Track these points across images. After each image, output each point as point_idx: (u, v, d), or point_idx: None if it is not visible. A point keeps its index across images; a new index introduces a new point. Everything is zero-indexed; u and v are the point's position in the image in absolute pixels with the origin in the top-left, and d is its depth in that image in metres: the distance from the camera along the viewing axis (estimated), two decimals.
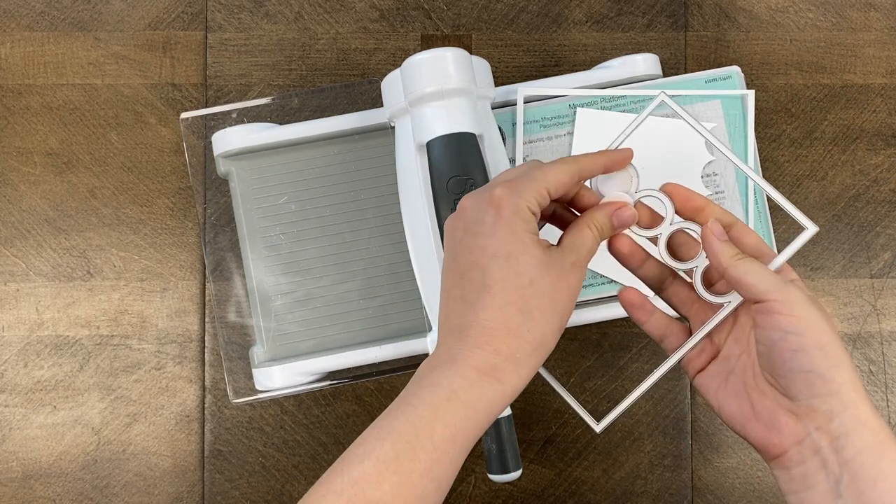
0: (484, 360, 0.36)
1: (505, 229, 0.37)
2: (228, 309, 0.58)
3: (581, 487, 0.60)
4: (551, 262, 0.37)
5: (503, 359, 0.36)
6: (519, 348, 0.37)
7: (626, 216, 0.41)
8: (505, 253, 0.37)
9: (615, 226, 0.41)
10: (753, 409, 0.39)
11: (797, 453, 0.37)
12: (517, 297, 0.37)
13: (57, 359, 0.60)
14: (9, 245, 0.60)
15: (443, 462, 0.35)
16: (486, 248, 0.37)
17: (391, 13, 0.62)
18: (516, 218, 0.37)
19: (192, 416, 0.60)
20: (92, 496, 0.59)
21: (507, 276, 0.37)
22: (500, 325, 0.37)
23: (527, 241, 0.37)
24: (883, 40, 0.62)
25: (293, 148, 0.55)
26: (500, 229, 0.37)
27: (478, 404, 0.36)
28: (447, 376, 0.36)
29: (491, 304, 0.37)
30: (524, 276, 0.37)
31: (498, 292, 0.37)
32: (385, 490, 0.34)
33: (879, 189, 0.61)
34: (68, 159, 0.61)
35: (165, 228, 0.61)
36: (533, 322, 0.37)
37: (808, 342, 0.36)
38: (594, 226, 0.40)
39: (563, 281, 0.38)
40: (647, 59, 0.56)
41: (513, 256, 0.37)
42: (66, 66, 0.61)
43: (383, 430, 0.35)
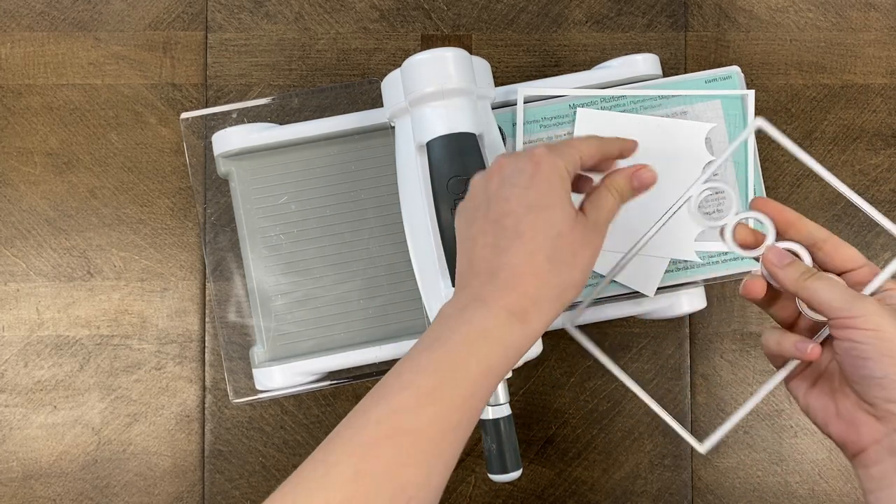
0: (514, 302, 0.38)
1: (544, 183, 0.39)
2: (228, 309, 0.58)
3: (581, 487, 0.60)
4: (579, 220, 0.40)
5: (530, 302, 0.38)
6: (544, 294, 0.39)
7: (645, 177, 0.43)
8: (541, 204, 0.39)
9: (635, 187, 0.43)
10: (837, 409, 0.41)
11: (875, 452, 0.38)
12: (548, 246, 0.39)
13: (57, 359, 0.60)
14: (9, 245, 0.60)
15: (476, 396, 0.37)
16: (524, 199, 0.39)
17: (391, 13, 0.62)
18: (554, 174, 0.40)
19: (192, 416, 0.60)
20: (92, 496, 0.59)
21: (539, 225, 0.39)
22: (528, 270, 0.38)
23: (562, 196, 0.39)
24: (883, 40, 0.62)
25: (293, 148, 0.55)
26: (539, 182, 0.39)
27: (508, 342, 0.38)
28: (480, 316, 0.38)
29: (523, 250, 0.39)
30: (555, 227, 0.39)
31: (529, 239, 0.39)
32: (423, 420, 0.36)
33: (879, 189, 0.61)
34: (68, 159, 0.61)
35: (165, 228, 0.61)
36: (558, 270, 0.39)
37: (877, 350, 0.37)
38: (614, 188, 0.42)
39: (587, 237, 0.40)
40: (647, 59, 0.56)
41: (548, 208, 0.39)
42: (67, 66, 0.61)
43: (420, 364, 0.37)
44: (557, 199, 0.39)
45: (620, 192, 0.42)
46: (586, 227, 0.40)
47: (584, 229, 0.40)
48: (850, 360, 0.38)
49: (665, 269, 0.54)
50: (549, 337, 0.59)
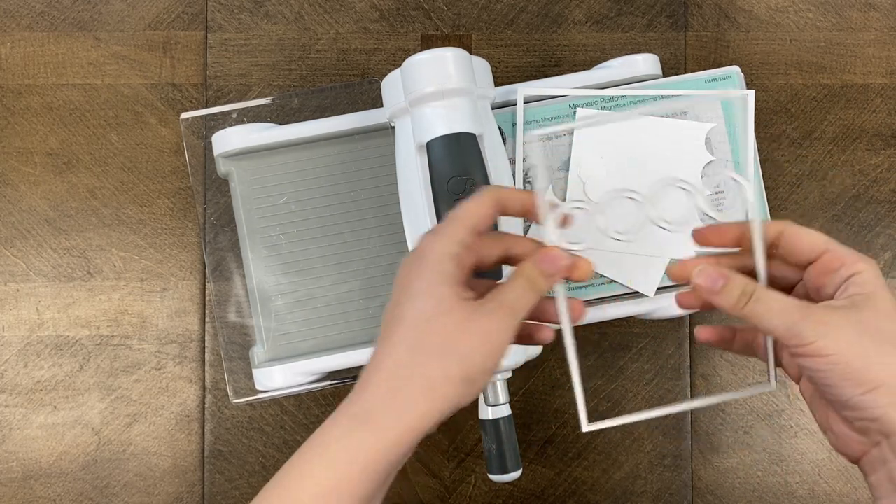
0: (360, 405, 0.35)
1: (421, 271, 0.36)
2: (228, 309, 0.58)
3: (581, 487, 0.60)
4: (461, 305, 0.36)
5: (380, 400, 0.35)
6: (403, 388, 0.35)
7: (558, 262, 0.38)
8: (413, 292, 0.36)
9: (549, 273, 0.38)
10: (829, 421, 0.39)
11: (867, 464, 0.37)
12: (411, 335, 0.35)
13: (57, 359, 0.60)
14: (9, 245, 0.60)
15: None
16: (406, 290, 0.37)
17: (391, 13, 0.62)
18: (431, 259, 0.36)
19: (192, 416, 0.60)
20: (92, 496, 0.59)
21: (409, 314, 0.36)
22: (386, 363, 0.35)
23: (435, 281, 0.36)
24: (883, 40, 0.62)
25: (293, 148, 0.55)
26: (417, 271, 0.36)
27: (354, 451, 0.34)
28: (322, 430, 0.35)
29: (388, 342, 0.36)
30: (424, 313, 0.35)
31: (396, 331, 0.36)
32: None
33: (879, 189, 0.61)
34: (68, 159, 0.61)
35: (165, 228, 0.61)
36: (424, 362, 0.35)
37: (836, 376, 0.35)
38: (522, 275, 0.38)
39: (471, 323, 0.35)
40: (647, 59, 0.56)
41: (419, 296, 0.36)
42: (66, 66, 0.61)
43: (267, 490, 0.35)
44: (429, 286, 0.36)
45: (529, 280, 0.37)
46: (474, 312, 0.35)
47: (468, 315, 0.35)
48: (817, 385, 0.37)
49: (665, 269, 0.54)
50: None
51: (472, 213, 0.37)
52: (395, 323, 0.36)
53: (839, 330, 0.35)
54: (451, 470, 0.60)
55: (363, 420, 0.34)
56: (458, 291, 0.36)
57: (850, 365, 0.34)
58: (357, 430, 0.34)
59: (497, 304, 0.36)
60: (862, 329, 0.35)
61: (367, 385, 0.35)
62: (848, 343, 0.34)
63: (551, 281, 0.38)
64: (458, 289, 0.36)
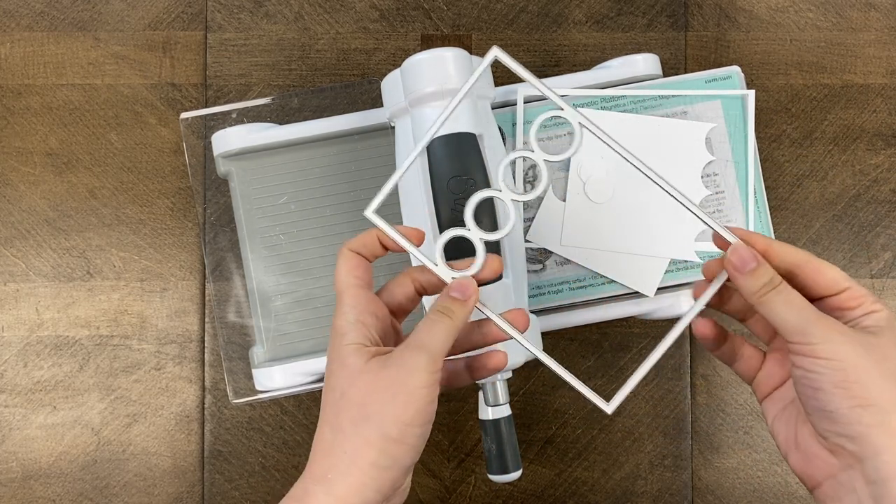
0: (299, 488, 0.36)
1: (333, 351, 0.37)
2: (228, 309, 0.58)
3: (581, 488, 0.60)
4: (368, 367, 0.36)
5: (314, 482, 0.36)
6: (332, 467, 0.36)
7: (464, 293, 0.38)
8: (327, 375, 0.37)
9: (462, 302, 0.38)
10: (796, 439, 0.38)
11: (831, 488, 0.36)
12: (331, 414, 0.36)
13: (57, 359, 0.60)
14: (9, 245, 0.60)
15: None
16: (327, 371, 0.38)
17: (391, 13, 0.62)
18: (337, 337, 0.37)
19: (191, 417, 0.60)
20: (92, 496, 0.59)
21: (326, 394, 0.37)
22: (317, 448, 0.37)
23: (342, 354, 0.37)
24: (883, 40, 0.62)
25: (293, 148, 0.55)
26: (331, 353, 0.38)
27: None
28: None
29: (319, 424, 0.37)
30: (336, 390, 0.37)
31: (322, 413, 0.37)
32: None
33: (880, 189, 0.61)
34: (68, 159, 0.61)
35: (165, 228, 0.60)
36: (343, 436, 0.36)
37: (829, 381, 0.34)
38: (435, 309, 0.38)
39: (379, 381, 0.36)
40: (647, 59, 0.56)
41: (331, 375, 0.37)
42: (66, 66, 0.61)
43: None
44: (338, 362, 0.37)
45: (443, 311, 0.37)
46: (382, 368, 0.36)
47: (376, 374, 0.36)
48: (803, 389, 0.36)
49: (665, 269, 0.54)
50: (549, 337, 0.59)
51: (344, 273, 0.38)
52: (322, 407, 0.37)
53: (848, 342, 0.34)
54: (451, 470, 0.60)
55: (300, 500, 0.36)
56: (366, 353, 0.36)
57: (848, 374, 0.34)
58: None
59: (404, 347, 0.36)
60: (871, 350, 0.35)
61: (307, 471, 0.37)
62: (853, 354, 0.34)
63: (466, 307, 0.38)
64: (365, 351, 0.37)
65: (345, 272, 0.39)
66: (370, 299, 0.39)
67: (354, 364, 0.36)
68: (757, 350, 0.41)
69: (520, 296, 0.48)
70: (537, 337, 0.49)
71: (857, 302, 0.37)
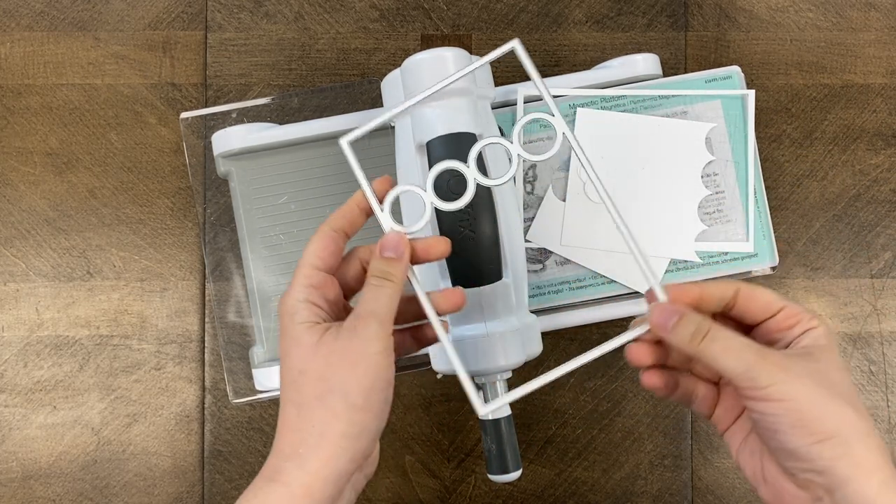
0: (269, 467, 0.37)
1: (285, 330, 0.38)
2: (228, 309, 0.58)
3: (581, 488, 0.60)
4: (323, 342, 0.37)
5: (285, 459, 0.36)
6: (301, 442, 0.36)
7: (395, 250, 0.38)
8: (283, 356, 0.38)
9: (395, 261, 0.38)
10: (763, 473, 0.38)
11: None
12: (293, 392, 0.37)
13: (57, 359, 0.60)
14: (9, 245, 0.60)
15: None
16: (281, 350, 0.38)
17: (391, 13, 0.62)
18: (286, 316, 0.38)
19: (191, 417, 0.60)
20: (92, 496, 0.59)
21: (285, 375, 0.37)
22: (283, 426, 0.37)
23: (295, 334, 0.37)
24: (883, 40, 0.62)
25: (293, 148, 0.55)
26: (284, 331, 0.38)
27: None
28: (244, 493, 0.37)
29: (281, 405, 0.37)
30: (294, 368, 0.37)
31: (282, 395, 0.37)
32: None
33: (880, 189, 0.61)
34: (68, 159, 0.61)
35: (165, 228, 0.60)
36: (309, 411, 0.36)
37: (785, 422, 0.34)
38: (372, 274, 0.38)
39: (335, 354, 0.36)
40: (647, 58, 0.56)
41: (287, 355, 0.37)
42: (66, 66, 0.61)
43: None
44: (291, 340, 0.37)
45: (380, 275, 0.38)
46: (336, 340, 0.36)
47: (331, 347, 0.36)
48: (762, 431, 0.36)
49: (665, 269, 0.54)
50: (549, 337, 0.59)
51: (310, 252, 0.38)
52: (282, 387, 0.38)
53: (795, 377, 0.34)
54: (451, 470, 0.60)
55: (271, 478, 0.36)
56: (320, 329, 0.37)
57: (803, 413, 0.34)
58: (266, 488, 0.36)
59: (354, 318, 0.37)
60: (818, 378, 0.34)
61: (275, 449, 0.37)
62: (804, 390, 0.34)
63: (401, 265, 0.38)
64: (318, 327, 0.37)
65: (310, 251, 0.39)
66: (324, 280, 0.39)
67: (308, 341, 0.37)
68: (711, 386, 0.41)
69: (520, 296, 0.48)
70: (537, 337, 0.49)
71: (795, 320, 0.37)
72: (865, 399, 0.60)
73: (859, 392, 0.60)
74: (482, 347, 0.46)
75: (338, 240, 0.39)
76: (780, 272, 0.60)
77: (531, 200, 0.54)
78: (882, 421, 0.60)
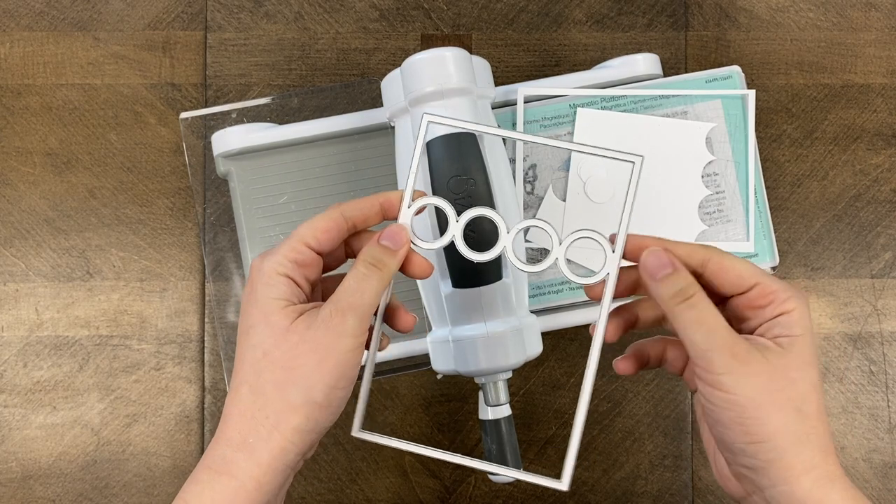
0: (215, 456, 0.34)
1: (250, 298, 0.35)
2: (228, 309, 0.58)
3: (581, 488, 0.60)
4: (294, 327, 0.34)
5: (234, 448, 0.34)
6: (251, 431, 0.34)
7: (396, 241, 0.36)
8: (246, 327, 0.35)
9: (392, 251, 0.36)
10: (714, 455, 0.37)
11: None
12: (251, 374, 0.34)
13: (56, 359, 0.60)
14: (8, 245, 0.60)
15: None
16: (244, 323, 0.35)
17: (391, 13, 0.62)
18: (261, 285, 0.35)
19: (191, 417, 0.60)
20: (91, 496, 0.59)
21: (245, 353, 0.35)
22: (234, 409, 0.35)
23: (267, 309, 0.34)
24: (883, 40, 0.62)
25: (293, 148, 0.55)
26: (247, 299, 0.35)
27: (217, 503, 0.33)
28: (184, 488, 0.34)
29: (233, 385, 0.35)
30: (258, 348, 0.34)
31: (237, 371, 0.35)
32: None
33: (880, 189, 0.61)
34: (68, 159, 0.60)
35: (165, 228, 0.60)
36: (265, 399, 0.34)
37: (726, 416, 0.33)
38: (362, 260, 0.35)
39: (304, 343, 0.34)
40: (647, 58, 0.55)
41: (252, 329, 0.35)
42: (66, 66, 0.61)
43: None
44: (260, 315, 0.34)
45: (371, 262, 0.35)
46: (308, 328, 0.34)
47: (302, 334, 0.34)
48: (706, 417, 0.35)
49: None
50: (549, 337, 0.59)
51: (310, 226, 0.36)
52: (238, 363, 0.35)
53: (750, 373, 0.33)
54: (451, 470, 0.60)
55: (219, 471, 0.34)
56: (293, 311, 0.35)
57: (744, 411, 0.33)
58: (214, 481, 0.34)
59: (332, 306, 0.34)
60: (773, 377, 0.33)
61: (221, 434, 0.35)
62: (752, 389, 0.33)
63: (395, 258, 0.36)
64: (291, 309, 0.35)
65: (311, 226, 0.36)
66: (312, 260, 0.36)
67: (279, 323, 0.34)
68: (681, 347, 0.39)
69: (520, 296, 0.48)
70: (537, 337, 0.49)
71: (768, 300, 0.34)
72: (866, 399, 0.60)
73: (859, 392, 0.60)
74: (482, 347, 0.45)
75: (342, 227, 0.37)
76: (781, 272, 0.60)
77: (531, 200, 0.54)
78: (882, 421, 0.60)
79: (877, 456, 0.60)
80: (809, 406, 0.33)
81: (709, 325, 0.33)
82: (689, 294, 0.34)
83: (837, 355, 0.60)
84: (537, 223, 0.38)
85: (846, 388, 0.60)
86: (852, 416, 0.60)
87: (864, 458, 0.60)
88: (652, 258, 0.35)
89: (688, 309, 0.33)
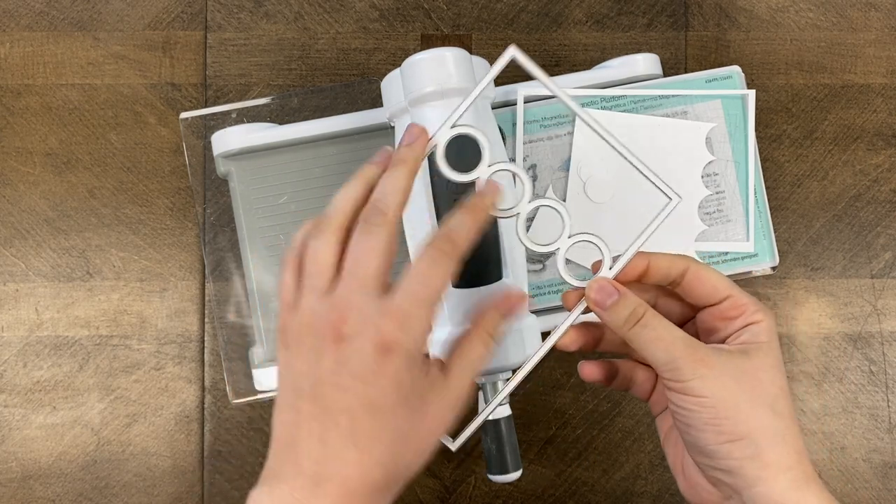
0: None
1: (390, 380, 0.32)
2: (228, 309, 0.58)
3: (581, 488, 0.60)
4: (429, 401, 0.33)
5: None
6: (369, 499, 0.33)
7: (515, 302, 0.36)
8: (383, 407, 0.32)
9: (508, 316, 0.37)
10: (683, 465, 0.38)
11: None
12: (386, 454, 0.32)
13: (56, 359, 0.60)
14: (8, 245, 0.60)
15: None
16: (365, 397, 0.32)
17: (391, 13, 0.62)
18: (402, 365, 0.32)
19: (191, 417, 0.60)
20: (91, 496, 0.59)
21: (380, 434, 0.32)
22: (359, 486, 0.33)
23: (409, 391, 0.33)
24: (883, 40, 0.62)
25: (293, 148, 0.55)
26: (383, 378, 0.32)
27: None
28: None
29: (357, 462, 0.32)
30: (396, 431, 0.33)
31: (365, 449, 0.32)
32: None
33: (880, 189, 0.61)
34: (68, 159, 0.60)
35: (165, 228, 0.60)
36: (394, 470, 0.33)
37: (699, 419, 0.34)
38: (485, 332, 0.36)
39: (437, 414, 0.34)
40: (647, 58, 0.55)
41: (391, 412, 0.32)
42: (66, 66, 0.61)
43: None
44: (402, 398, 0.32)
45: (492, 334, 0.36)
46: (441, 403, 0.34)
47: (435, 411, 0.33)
48: (678, 424, 0.35)
49: None
50: None
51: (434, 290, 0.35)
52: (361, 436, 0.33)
53: (718, 375, 0.34)
54: (451, 470, 0.60)
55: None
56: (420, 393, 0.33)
57: (718, 412, 0.33)
58: None
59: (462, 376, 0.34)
60: (742, 378, 0.34)
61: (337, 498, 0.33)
62: (723, 389, 0.34)
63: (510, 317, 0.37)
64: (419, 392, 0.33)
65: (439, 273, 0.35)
66: None
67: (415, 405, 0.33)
68: (649, 371, 0.41)
69: None
70: (537, 337, 0.49)
71: (738, 311, 0.36)
72: (866, 399, 0.60)
73: (859, 392, 0.60)
74: None
75: None
76: (781, 272, 0.60)
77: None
78: (882, 421, 0.60)
79: (877, 456, 0.60)
80: (781, 406, 0.34)
81: (667, 340, 0.34)
82: (639, 315, 0.35)
83: (837, 355, 0.60)
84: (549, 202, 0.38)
85: (846, 388, 0.60)
86: (852, 416, 0.60)
87: (864, 458, 0.60)
88: (596, 290, 0.36)
89: (642, 330, 0.35)
